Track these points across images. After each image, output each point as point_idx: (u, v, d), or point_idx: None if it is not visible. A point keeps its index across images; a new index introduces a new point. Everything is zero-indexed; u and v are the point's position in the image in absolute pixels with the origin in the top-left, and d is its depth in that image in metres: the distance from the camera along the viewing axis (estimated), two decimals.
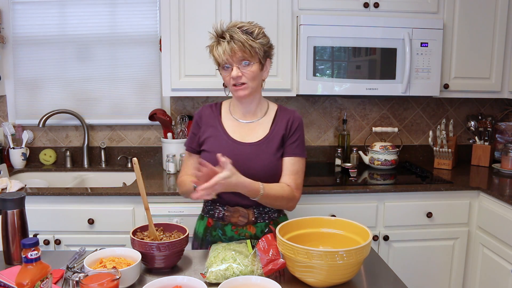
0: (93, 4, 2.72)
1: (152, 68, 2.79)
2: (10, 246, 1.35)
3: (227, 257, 1.27)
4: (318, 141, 2.93)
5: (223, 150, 1.50)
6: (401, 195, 2.30)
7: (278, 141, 1.57)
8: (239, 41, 1.46)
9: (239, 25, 1.49)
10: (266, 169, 1.54)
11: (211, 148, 1.58)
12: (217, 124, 1.61)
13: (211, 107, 1.67)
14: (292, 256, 1.18)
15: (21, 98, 2.79)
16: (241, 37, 1.46)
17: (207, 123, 1.63)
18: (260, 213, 1.58)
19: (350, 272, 1.20)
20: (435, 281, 2.39)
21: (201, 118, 1.64)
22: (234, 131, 1.60)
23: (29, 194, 2.17)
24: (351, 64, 2.43)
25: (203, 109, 1.67)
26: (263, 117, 1.62)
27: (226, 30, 1.49)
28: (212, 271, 1.24)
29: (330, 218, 1.40)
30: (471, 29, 2.53)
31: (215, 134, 1.60)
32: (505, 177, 2.52)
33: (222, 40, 1.48)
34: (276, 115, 1.62)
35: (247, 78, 1.50)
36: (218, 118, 1.63)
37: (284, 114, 1.63)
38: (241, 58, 1.47)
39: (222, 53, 1.47)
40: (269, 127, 1.60)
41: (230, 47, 1.46)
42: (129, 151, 2.86)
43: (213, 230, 1.59)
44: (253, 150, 1.55)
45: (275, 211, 1.62)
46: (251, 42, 1.47)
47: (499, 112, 2.99)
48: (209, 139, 1.60)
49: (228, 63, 1.49)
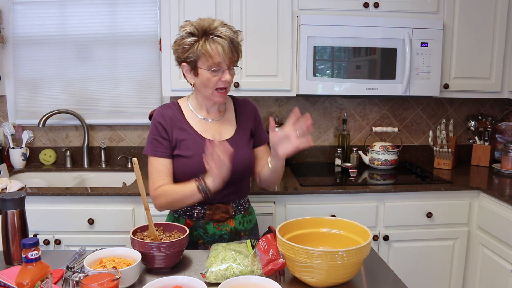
0: (93, 4, 2.72)
1: (152, 68, 2.79)
2: (10, 246, 1.35)
3: (227, 257, 1.27)
4: (318, 141, 2.93)
5: (200, 152, 1.45)
6: (401, 195, 2.30)
7: (248, 133, 1.63)
8: (237, 44, 1.44)
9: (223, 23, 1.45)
10: (246, 162, 1.58)
11: (188, 152, 1.52)
12: (185, 126, 1.55)
13: (171, 108, 1.57)
14: (292, 256, 1.18)
15: (21, 98, 2.79)
16: (236, 41, 1.44)
17: (174, 125, 1.54)
18: (237, 206, 1.63)
19: (350, 272, 1.20)
20: (435, 281, 2.39)
21: (166, 120, 1.54)
22: (204, 130, 1.56)
23: (29, 194, 2.17)
24: (351, 64, 2.43)
25: (163, 111, 1.56)
26: (226, 113, 1.63)
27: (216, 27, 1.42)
28: (212, 271, 1.24)
29: (330, 218, 1.40)
30: (471, 29, 2.53)
31: (188, 137, 1.54)
32: (505, 177, 2.52)
33: (218, 38, 1.41)
34: (236, 109, 1.65)
35: (231, 82, 1.50)
36: (183, 119, 1.56)
37: (243, 106, 1.66)
38: (234, 61, 1.46)
39: (222, 53, 1.41)
40: (235, 121, 1.63)
41: (231, 50, 1.42)
42: (129, 151, 2.86)
43: (193, 230, 1.58)
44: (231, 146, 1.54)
45: (247, 201, 1.69)
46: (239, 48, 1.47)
47: (499, 112, 2.99)
48: (182, 142, 1.53)
49: (220, 65, 1.43)
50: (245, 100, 1.69)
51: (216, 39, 1.41)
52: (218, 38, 1.41)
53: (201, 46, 1.42)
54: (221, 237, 1.59)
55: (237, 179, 1.56)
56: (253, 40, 2.40)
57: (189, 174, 1.50)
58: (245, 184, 1.67)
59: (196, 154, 1.50)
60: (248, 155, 1.60)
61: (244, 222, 1.65)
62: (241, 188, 1.63)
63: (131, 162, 2.64)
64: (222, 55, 1.41)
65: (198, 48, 1.42)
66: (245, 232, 1.64)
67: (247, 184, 1.69)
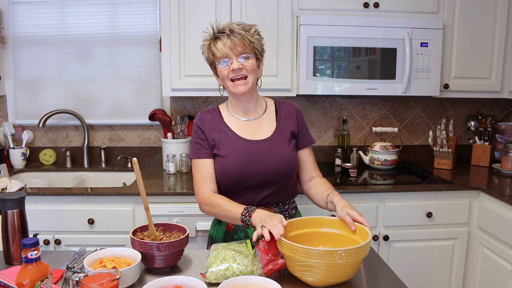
0: (93, 4, 2.72)
1: (152, 68, 2.79)
2: (10, 246, 1.35)
3: (227, 257, 1.27)
4: (318, 141, 2.92)
5: (238, 152, 1.52)
6: (401, 195, 2.30)
7: (288, 133, 1.59)
8: (239, 34, 1.47)
9: (236, 22, 1.52)
10: (284, 162, 1.55)
11: (224, 152, 1.54)
12: (223, 127, 1.58)
13: (210, 112, 1.62)
14: (291, 256, 1.18)
15: (21, 98, 2.79)
16: (240, 31, 1.47)
17: (212, 127, 1.58)
18: (281, 210, 1.60)
19: (349, 271, 1.20)
20: (435, 281, 2.39)
21: (204, 123, 1.59)
22: (242, 130, 1.58)
23: (29, 194, 2.17)
24: (351, 64, 2.43)
25: (202, 115, 1.61)
26: (266, 112, 1.62)
27: (225, 26, 1.49)
28: (212, 271, 1.24)
29: (330, 218, 1.40)
30: (471, 29, 2.53)
31: (225, 137, 1.56)
32: (505, 177, 2.52)
33: (221, 35, 1.48)
34: (277, 109, 1.64)
35: (248, 70, 1.49)
36: (222, 121, 1.59)
37: (285, 107, 1.65)
38: (241, 51, 1.47)
39: (222, 46, 1.47)
40: (275, 121, 1.61)
41: (231, 40, 1.46)
42: (129, 151, 2.86)
43: (234, 234, 1.58)
44: (268, 146, 1.55)
45: (293, 207, 1.65)
46: (250, 37, 1.48)
47: (499, 112, 2.99)
48: (220, 142, 1.55)
49: (228, 57, 1.48)
50: (287, 102, 1.68)
51: (219, 35, 1.49)
52: (220, 34, 1.49)
53: (208, 47, 1.52)
54: None
55: (277, 179, 1.55)
56: None
57: (225, 173, 1.52)
58: (289, 186, 1.62)
59: (232, 154, 1.52)
60: (288, 155, 1.56)
61: None
62: (283, 190, 1.59)
63: (131, 162, 2.64)
64: (223, 48, 1.47)
65: (207, 50, 1.53)
66: None
67: (291, 186, 1.64)
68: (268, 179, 1.53)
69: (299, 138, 1.64)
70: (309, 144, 1.66)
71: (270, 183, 1.54)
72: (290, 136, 1.60)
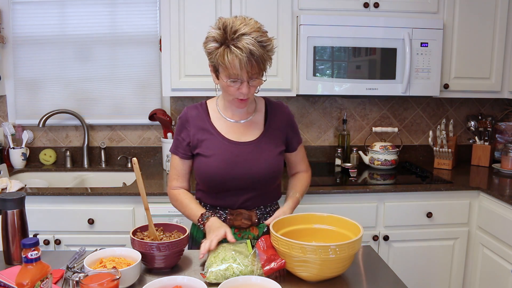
0: (93, 4, 2.72)
1: (152, 68, 2.79)
2: (10, 246, 1.35)
3: (227, 257, 1.27)
4: (318, 141, 2.93)
5: (221, 153, 1.49)
6: (401, 195, 2.30)
7: (276, 137, 1.56)
8: (259, 57, 1.34)
9: (254, 34, 1.33)
10: (268, 166, 1.51)
11: (207, 152, 1.51)
12: (208, 126, 1.54)
13: (197, 108, 1.57)
14: (286, 251, 1.21)
15: (21, 98, 2.79)
16: (260, 53, 1.33)
17: (196, 125, 1.54)
18: (262, 213, 1.59)
19: (342, 266, 1.23)
20: (435, 281, 2.39)
21: (188, 120, 1.55)
22: (228, 131, 1.53)
23: (29, 194, 2.17)
24: (351, 64, 2.43)
25: (188, 111, 1.56)
26: (255, 114, 1.58)
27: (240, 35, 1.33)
28: (212, 271, 1.24)
29: (322, 214, 1.42)
30: (471, 29, 2.53)
31: (209, 137, 1.52)
32: (505, 177, 2.52)
33: (238, 50, 1.32)
34: (267, 111, 1.59)
35: (251, 93, 1.43)
36: (207, 119, 1.55)
37: (275, 109, 1.60)
38: (255, 74, 1.38)
39: (238, 67, 1.33)
40: (263, 124, 1.57)
41: (250, 64, 1.33)
42: (129, 151, 2.86)
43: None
44: (253, 149, 1.52)
45: (276, 209, 1.62)
46: (266, 57, 1.37)
47: (499, 112, 2.99)
48: (203, 142, 1.52)
49: (240, 78, 1.37)
50: (278, 102, 1.63)
51: (234, 50, 1.32)
52: (236, 49, 1.32)
53: (220, 55, 1.35)
54: None
55: (259, 183, 1.52)
56: None
57: (207, 174, 1.50)
58: (272, 190, 1.61)
59: (216, 154, 1.50)
60: (273, 159, 1.52)
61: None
62: (266, 194, 1.58)
63: (131, 162, 2.64)
64: (239, 68, 1.34)
65: (217, 57, 1.37)
66: None
67: (274, 190, 1.63)
68: (250, 183, 1.50)
69: (289, 143, 1.62)
70: (298, 145, 1.66)
71: (253, 187, 1.52)
72: (278, 140, 1.57)
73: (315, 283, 1.25)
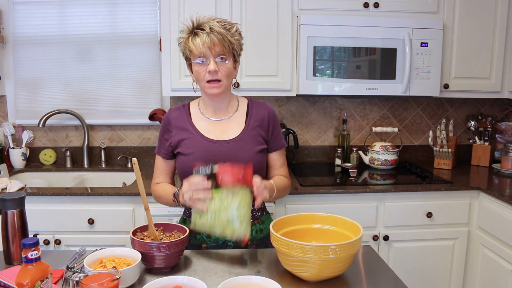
0: (93, 4, 2.72)
1: (152, 68, 2.79)
2: (10, 246, 1.35)
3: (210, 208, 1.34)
4: (318, 141, 2.93)
5: (200, 151, 1.51)
6: (401, 195, 2.30)
7: (257, 135, 1.56)
8: (219, 33, 1.43)
9: (218, 19, 1.47)
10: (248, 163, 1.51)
11: (186, 150, 1.54)
12: (188, 126, 1.57)
13: (179, 109, 1.61)
14: (287, 251, 1.21)
15: (21, 98, 2.79)
16: (220, 30, 1.44)
17: (177, 126, 1.58)
18: None
19: (342, 266, 1.23)
20: (435, 281, 2.39)
21: (170, 122, 1.59)
22: (208, 130, 1.56)
23: (29, 194, 2.17)
24: (351, 64, 2.44)
25: (170, 113, 1.61)
26: (236, 113, 1.59)
27: (204, 22, 1.45)
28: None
29: (322, 214, 1.42)
30: (471, 29, 2.53)
31: (189, 136, 1.55)
32: (505, 177, 2.52)
33: (200, 31, 1.44)
34: (249, 109, 1.60)
35: (223, 75, 1.47)
36: (188, 119, 1.58)
37: (258, 108, 1.61)
38: (220, 52, 1.44)
39: (201, 44, 1.42)
40: (244, 122, 1.58)
41: (210, 39, 1.42)
42: (129, 151, 2.86)
43: (197, 234, 1.55)
44: (232, 147, 1.52)
45: (259, 210, 1.61)
46: (230, 37, 1.45)
47: (499, 112, 2.99)
48: (184, 141, 1.55)
49: (205, 57, 1.45)
50: (261, 102, 1.63)
51: (198, 32, 1.45)
52: (200, 31, 1.44)
53: (185, 41, 1.48)
54: (225, 243, 1.53)
55: None
56: (253, 40, 2.40)
57: (186, 172, 1.50)
58: None
59: (195, 152, 1.52)
60: (250, 156, 1.53)
61: (253, 230, 1.54)
62: None
63: (131, 162, 2.64)
64: (201, 46, 1.43)
65: (184, 44, 1.49)
66: (252, 241, 1.56)
67: None
68: None
69: (269, 142, 1.60)
70: (279, 148, 1.63)
71: None
72: (258, 138, 1.56)
73: (315, 283, 1.25)
